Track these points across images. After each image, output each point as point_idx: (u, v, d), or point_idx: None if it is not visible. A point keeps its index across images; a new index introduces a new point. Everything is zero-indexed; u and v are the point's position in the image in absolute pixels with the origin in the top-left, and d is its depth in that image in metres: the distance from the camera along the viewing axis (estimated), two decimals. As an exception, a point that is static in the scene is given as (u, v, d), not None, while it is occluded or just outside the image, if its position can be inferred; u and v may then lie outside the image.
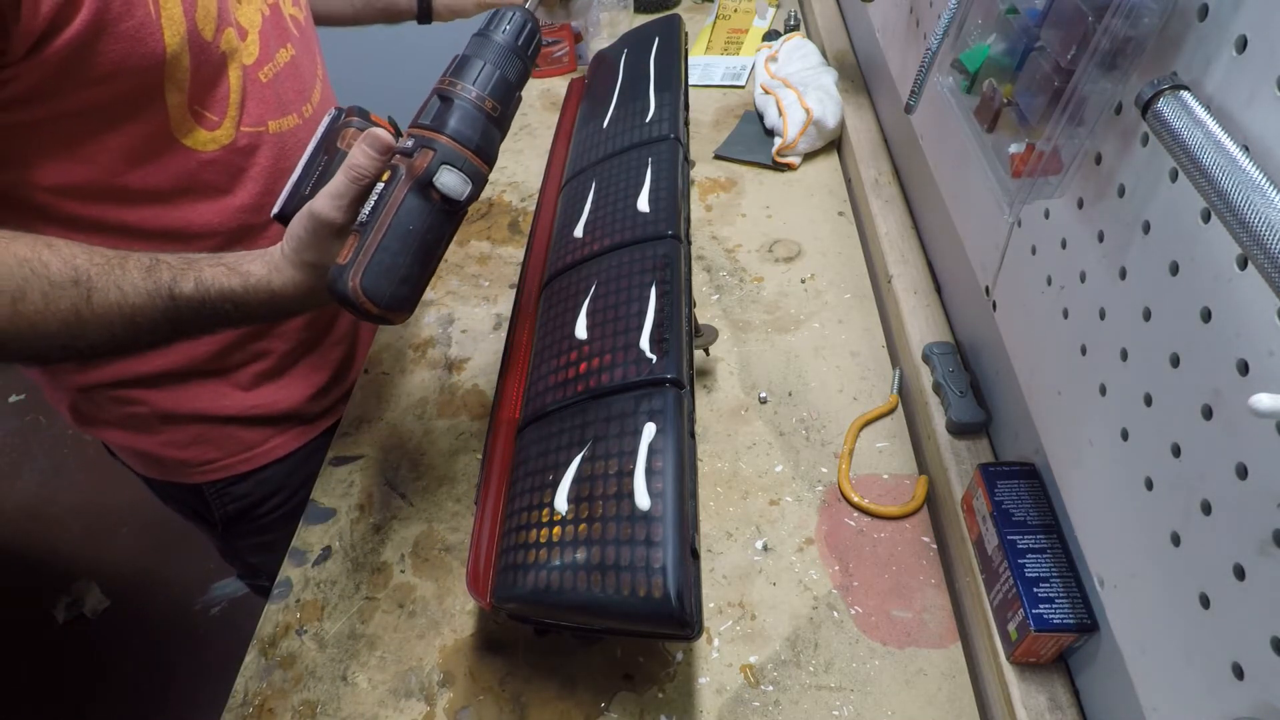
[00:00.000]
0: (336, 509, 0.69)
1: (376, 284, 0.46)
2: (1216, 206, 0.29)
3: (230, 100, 0.61)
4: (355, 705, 0.56)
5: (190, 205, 0.63)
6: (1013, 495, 0.53)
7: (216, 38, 0.58)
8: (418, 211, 0.47)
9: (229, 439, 0.75)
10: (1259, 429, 0.31)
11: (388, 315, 0.47)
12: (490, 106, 0.49)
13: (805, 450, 0.68)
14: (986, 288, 0.60)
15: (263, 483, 0.79)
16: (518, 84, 0.51)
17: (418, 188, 0.47)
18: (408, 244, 0.47)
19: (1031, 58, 0.43)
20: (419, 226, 0.47)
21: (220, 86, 0.60)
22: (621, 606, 0.43)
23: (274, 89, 0.65)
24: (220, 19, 0.58)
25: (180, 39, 0.54)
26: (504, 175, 1.07)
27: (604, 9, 1.26)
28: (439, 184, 0.46)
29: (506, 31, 0.51)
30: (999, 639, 0.51)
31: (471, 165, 0.48)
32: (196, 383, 0.71)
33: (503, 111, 0.50)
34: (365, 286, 0.46)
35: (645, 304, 0.57)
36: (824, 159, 1.01)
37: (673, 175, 0.67)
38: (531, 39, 0.52)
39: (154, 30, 0.52)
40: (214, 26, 0.57)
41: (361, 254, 0.46)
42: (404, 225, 0.46)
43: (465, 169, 0.47)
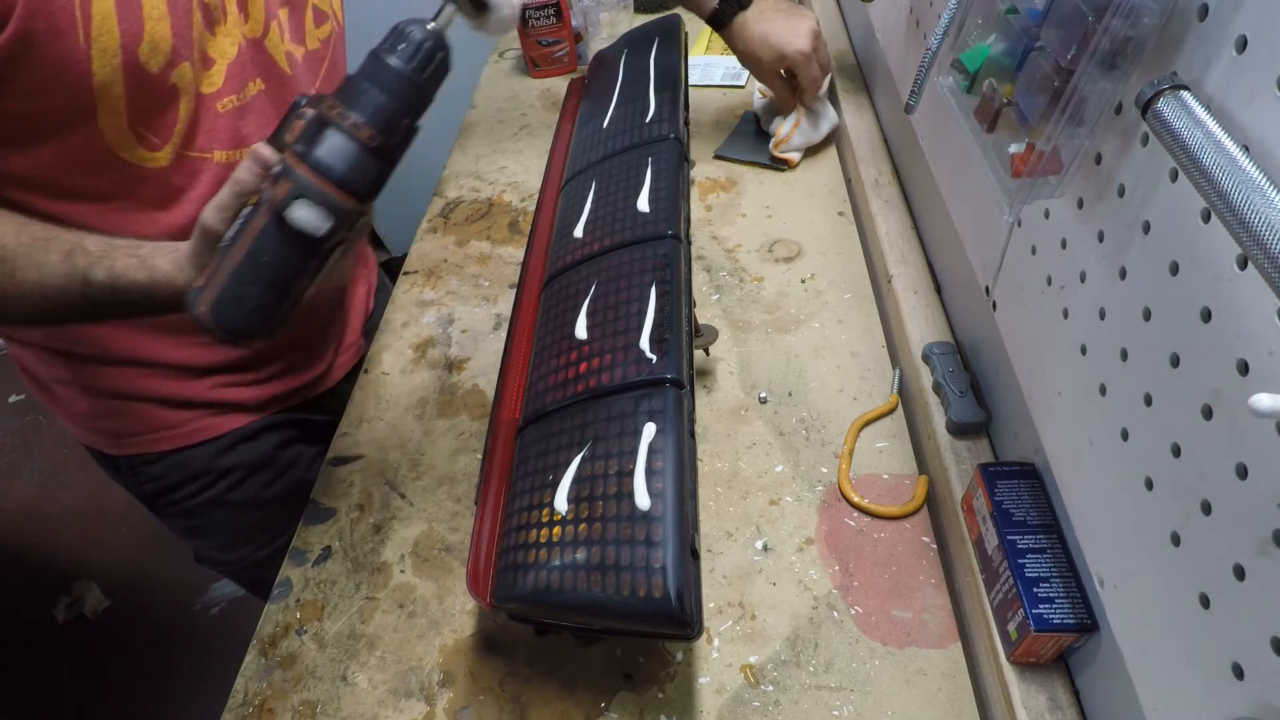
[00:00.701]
0: (336, 509, 0.69)
1: (227, 311, 0.45)
2: (1216, 206, 0.29)
3: (176, 129, 0.61)
4: (355, 705, 0.56)
5: (127, 213, 0.62)
6: (1013, 495, 0.53)
7: (166, 71, 0.57)
8: (273, 242, 0.44)
9: (146, 416, 0.75)
10: (1259, 429, 0.31)
11: (241, 342, 0.46)
12: (368, 136, 0.44)
13: (805, 450, 0.68)
14: (986, 288, 0.60)
15: (179, 465, 0.78)
16: (409, 112, 0.46)
17: (275, 218, 0.44)
18: (260, 274, 0.45)
19: (1031, 58, 0.43)
20: (273, 258, 0.45)
21: (166, 115, 0.60)
22: (621, 606, 0.43)
23: (232, 121, 0.64)
24: (175, 53, 0.57)
25: (112, 69, 0.54)
26: (504, 175, 1.07)
27: (604, 9, 1.26)
28: (290, 218, 0.43)
29: (402, 53, 0.45)
30: (999, 639, 0.51)
31: (332, 200, 0.44)
32: (116, 366, 0.72)
33: (385, 142, 0.45)
34: (215, 312, 0.45)
35: (645, 304, 0.57)
36: (824, 159, 1.01)
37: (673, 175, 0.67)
38: (430, 62, 0.46)
39: (81, 59, 0.52)
40: (164, 60, 0.57)
41: (214, 279, 0.45)
42: (258, 255, 0.44)
43: (324, 203, 0.43)
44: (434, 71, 0.46)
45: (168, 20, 0.56)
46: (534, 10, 1.19)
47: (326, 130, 0.44)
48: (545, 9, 1.18)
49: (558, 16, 1.20)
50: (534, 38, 1.22)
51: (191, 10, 0.58)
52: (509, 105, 1.22)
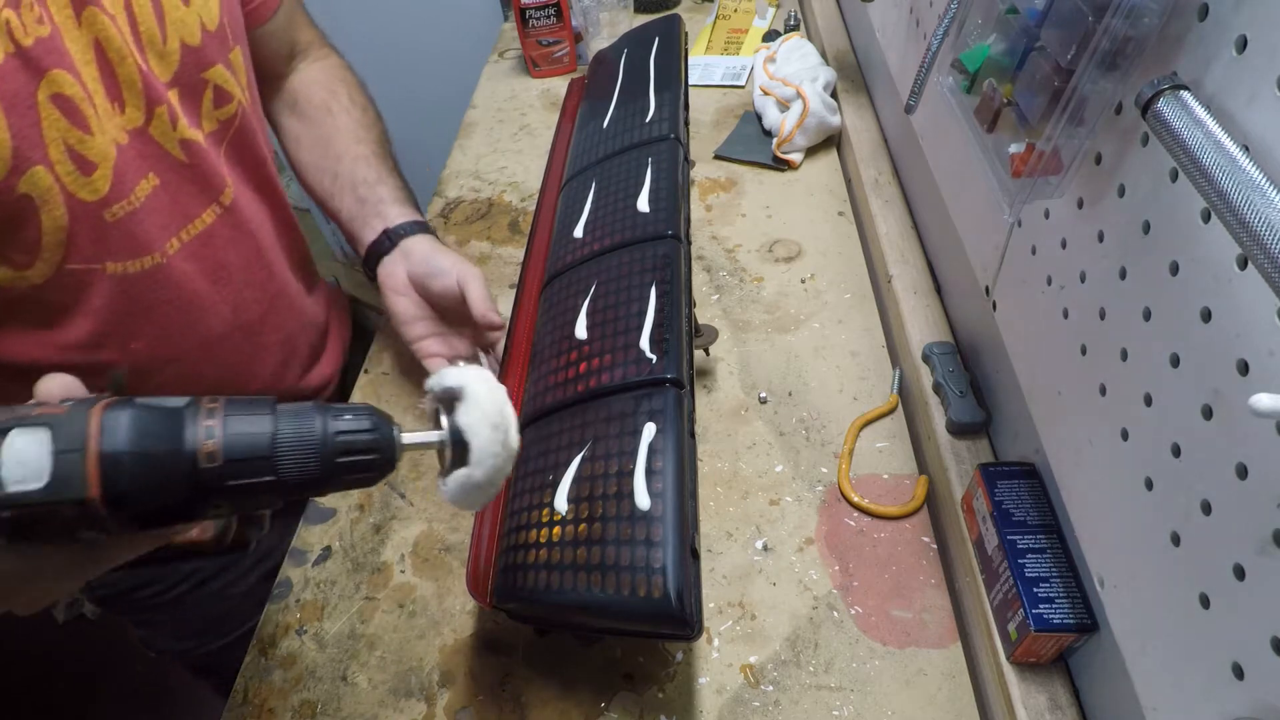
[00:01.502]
0: (336, 509, 0.69)
1: None
2: (1216, 206, 0.29)
3: (44, 243, 0.52)
4: (355, 705, 0.56)
5: (5, 335, 0.56)
6: (1013, 495, 0.53)
7: (11, 179, 0.48)
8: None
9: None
10: (1259, 429, 0.31)
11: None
12: (207, 452, 0.29)
13: (805, 450, 0.68)
14: (986, 288, 0.60)
15: (131, 573, 0.72)
16: (282, 481, 0.30)
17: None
18: None
19: (1031, 58, 0.43)
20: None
21: (24, 230, 0.51)
22: (622, 606, 0.43)
23: (125, 228, 0.56)
24: (19, 157, 0.48)
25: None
26: (504, 175, 1.07)
27: (604, 9, 1.26)
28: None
29: (343, 421, 0.32)
30: (999, 639, 0.51)
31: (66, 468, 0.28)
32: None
33: (219, 474, 0.29)
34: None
35: (645, 304, 0.57)
36: (824, 159, 1.01)
37: (673, 175, 0.67)
38: (353, 457, 0.32)
39: None
40: (4, 168, 0.48)
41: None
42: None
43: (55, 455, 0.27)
44: (347, 466, 0.32)
45: (2, 119, 0.47)
46: (534, 10, 1.19)
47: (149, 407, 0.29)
48: (545, 9, 1.19)
49: (558, 16, 1.20)
50: (534, 38, 1.22)
51: (36, 106, 0.49)
52: (509, 105, 1.22)
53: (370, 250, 0.71)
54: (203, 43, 0.60)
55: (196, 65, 0.60)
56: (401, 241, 0.70)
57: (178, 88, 0.59)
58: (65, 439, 0.26)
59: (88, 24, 0.52)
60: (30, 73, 0.48)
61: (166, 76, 0.58)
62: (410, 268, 0.69)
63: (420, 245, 0.69)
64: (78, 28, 0.51)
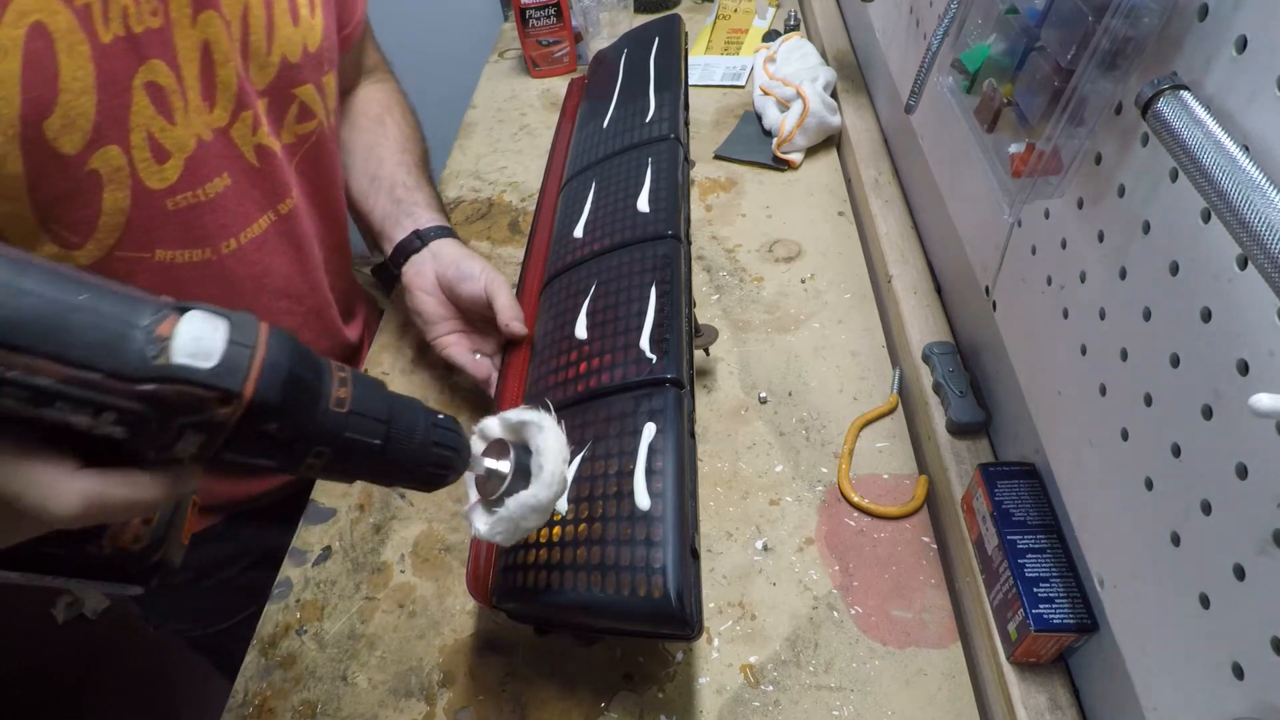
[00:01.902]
0: (336, 509, 0.69)
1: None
2: (1216, 206, 0.29)
3: (100, 224, 0.53)
4: (355, 705, 0.56)
5: None
6: (1013, 495, 0.53)
7: (85, 153, 0.50)
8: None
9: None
10: (1259, 429, 0.31)
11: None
12: (342, 397, 0.32)
13: (805, 450, 0.68)
14: (986, 288, 0.60)
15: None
16: (382, 445, 0.33)
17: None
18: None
19: (1031, 58, 0.43)
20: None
21: (84, 209, 0.52)
22: (622, 606, 0.43)
23: (185, 218, 0.58)
24: (98, 133, 0.50)
25: (6, 141, 0.46)
26: (504, 175, 1.07)
27: (604, 9, 1.26)
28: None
29: (437, 424, 0.36)
30: (999, 639, 0.51)
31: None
32: None
33: (346, 422, 0.32)
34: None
35: (645, 304, 0.57)
36: (824, 159, 1.01)
37: (673, 175, 0.67)
38: (434, 465, 0.36)
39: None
40: (82, 140, 0.49)
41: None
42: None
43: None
44: (432, 460, 0.36)
45: (93, 95, 0.48)
46: (534, 10, 1.19)
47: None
48: (545, 9, 1.19)
49: (558, 16, 1.20)
50: (534, 38, 1.22)
51: (130, 90, 0.51)
52: (509, 105, 1.22)
53: (399, 248, 0.73)
54: (301, 61, 0.64)
55: (291, 81, 0.64)
56: (431, 243, 0.72)
57: (268, 98, 0.62)
58: (239, 334, 0.27)
59: (202, 25, 0.55)
60: (133, 58, 0.51)
61: (261, 85, 0.62)
62: (439, 269, 0.70)
63: (449, 248, 0.71)
64: (191, 26, 0.54)
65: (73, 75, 0.48)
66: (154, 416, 0.26)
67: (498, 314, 0.65)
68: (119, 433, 0.26)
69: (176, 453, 0.28)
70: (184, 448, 0.28)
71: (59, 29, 0.46)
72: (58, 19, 0.46)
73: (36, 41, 0.45)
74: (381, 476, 0.35)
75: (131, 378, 0.25)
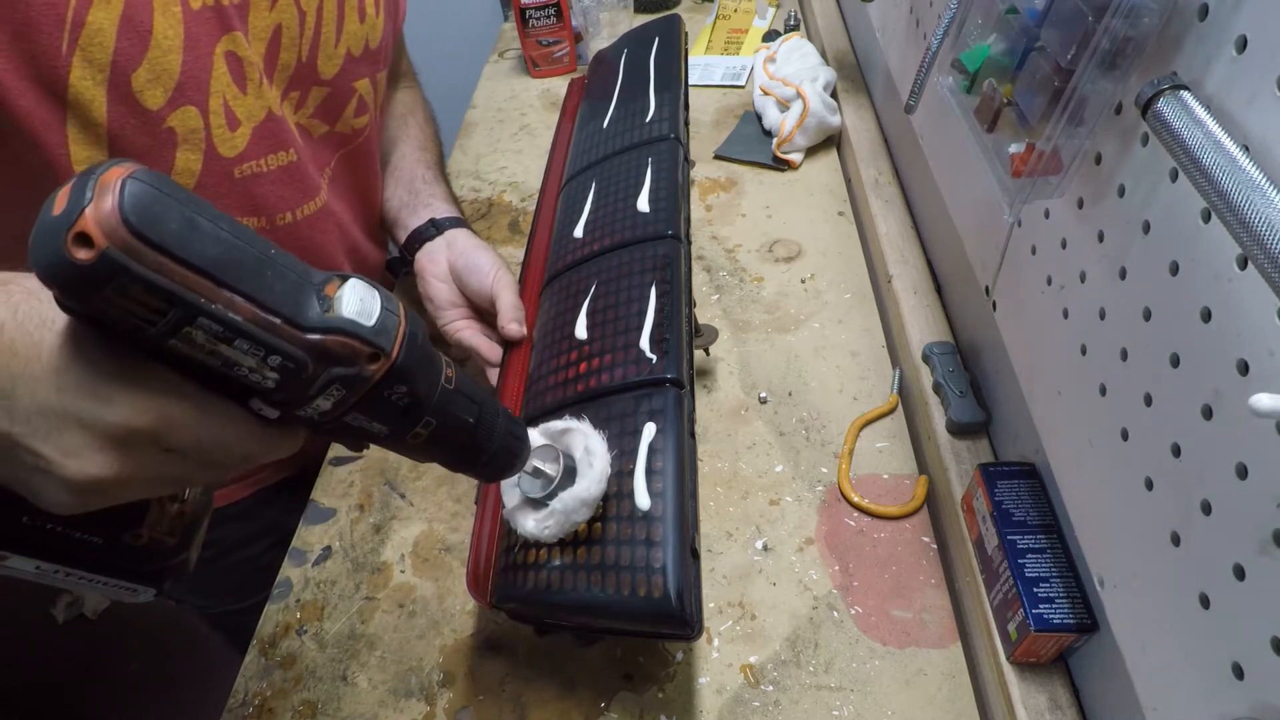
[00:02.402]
0: (336, 509, 0.69)
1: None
2: (1216, 206, 0.29)
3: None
4: (355, 705, 0.56)
5: None
6: (1013, 495, 0.53)
7: (165, 110, 0.52)
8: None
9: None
10: (1259, 429, 0.31)
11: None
12: (450, 375, 0.35)
13: (805, 450, 0.68)
14: (986, 288, 0.60)
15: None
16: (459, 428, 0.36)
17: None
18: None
19: (1031, 58, 0.43)
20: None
21: (160, 166, 0.53)
22: (622, 606, 0.43)
23: (246, 188, 0.60)
24: (179, 92, 0.52)
25: (93, 86, 0.48)
26: (504, 175, 1.07)
27: (604, 9, 1.26)
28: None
29: (505, 421, 0.39)
30: (999, 639, 0.51)
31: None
32: None
33: (449, 396, 0.34)
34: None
35: (645, 304, 0.57)
36: (824, 159, 1.01)
37: (673, 175, 0.67)
38: (497, 453, 0.38)
39: (57, 64, 0.47)
40: (164, 96, 0.51)
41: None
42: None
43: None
44: (501, 449, 0.38)
45: (179, 55, 0.51)
46: (534, 10, 1.19)
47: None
48: (545, 9, 1.19)
49: (558, 16, 1.20)
50: (534, 38, 1.22)
51: (211, 55, 0.54)
52: (509, 105, 1.22)
53: (414, 234, 0.75)
54: (363, 55, 0.67)
55: (353, 74, 0.67)
56: (446, 231, 0.73)
57: (330, 88, 0.66)
58: (389, 303, 0.31)
59: (279, 10, 0.58)
60: (217, 26, 0.54)
61: (329, 75, 0.65)
62: (452, 257, 0.72)
63: (463, 238, 0.72)
64: (269, 10, 0.58)
65: (164, 33, 0.50)
66: (310, 365, 0.29)
67: (499, 313, 0.65)
68: (272, 380, 0.29)
69: (311, 409, 0.30)
70: (320, 403, 0.30)
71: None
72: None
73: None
74: (462, 458, 0.37)
75: (304, 326, 0.28)
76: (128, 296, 0.25)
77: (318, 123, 0.67)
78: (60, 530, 0.34)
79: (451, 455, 0.37)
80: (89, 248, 0.24)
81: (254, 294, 0.27)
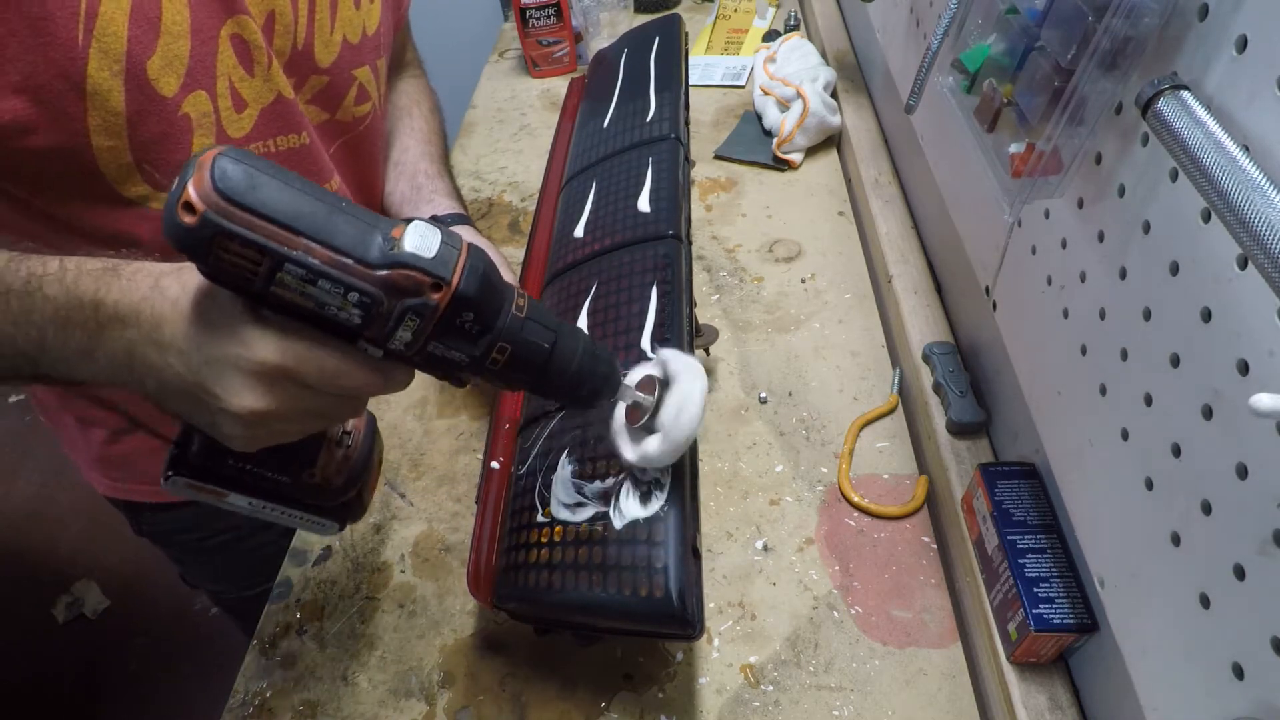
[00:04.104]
0: (337, 509, 0.69)
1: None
2: (1216, 206, 0.29)
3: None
4: (355, 705, 0.56)
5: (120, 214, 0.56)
6: (1013, 495, 0.53)
7: (180, 96, 0.52)
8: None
9: (152, 474, 0.70)
10: (1259, 429, 0.31)
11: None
12: (520, 305, 0.38)
13: (805, 450, 0.68)
14: (986, 288, 0.60)
15: (181, 517, 0.77)
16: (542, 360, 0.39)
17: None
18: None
19: (1031, 58, 0.43)
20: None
21: (175, 152, 0.54)
22: (623, 606, 0.43)
23: None
24: (190, 77, 0.52)
25: (111, 76, 0.48)
26: (504, 175, 1.07)
27: (604, 9, 1.26)
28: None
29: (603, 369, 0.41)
30: (999, 639, 0.51)
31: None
32: (126, 432, 0.70)
33: (517, 322, 0.37)
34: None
35: (646, 304, 0.57)
36: (824, 159, 1.01)
37: (673, 175, 0.67)
38: (587, 380, 0.41)
39: (75, 56, 0.47)
40: (178, 83, 0.52)
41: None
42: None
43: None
44: (589, 373, 0.41)
45: (188, 40, 0.52)
46: (534, 10, 1.19)
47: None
48: (545, 9, 1.19)
49: (558, 16, 1.20)
50: (534, 38, 1.22)
51: (217, 39, 0.54)
52: (509, 105, 1.22)
53: None
54: (360, 43, 0.67)
55: (351, 62, 0.67)
56: (449, 228, 0.73)
57: (329, 76, 0.65)
58: (449, 240, 0.34)
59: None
60: (221, 9, 0.54)
61: (326, 63, 0.64)
62: None
63: (465, 234, 0.72)
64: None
65: (172, 19, 0.51)
66: (384, 299, 0.33)
67: None
68: (357, 316, 0.33)
69: (396, 340, 0.35)
70: (402, 335, 0.34)
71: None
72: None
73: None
74: (545, 385, 0.40)
75: (372, 264, 0.33)
76: (230, 251, 0.31)
77: (317, 110, 0.66)
78: (256, 470, 0.41)
79: (531, 381, 0.39)
80: (193, 214, 0.30)
81: (326, 239, 0.32)
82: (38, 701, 1.56)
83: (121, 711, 1.53)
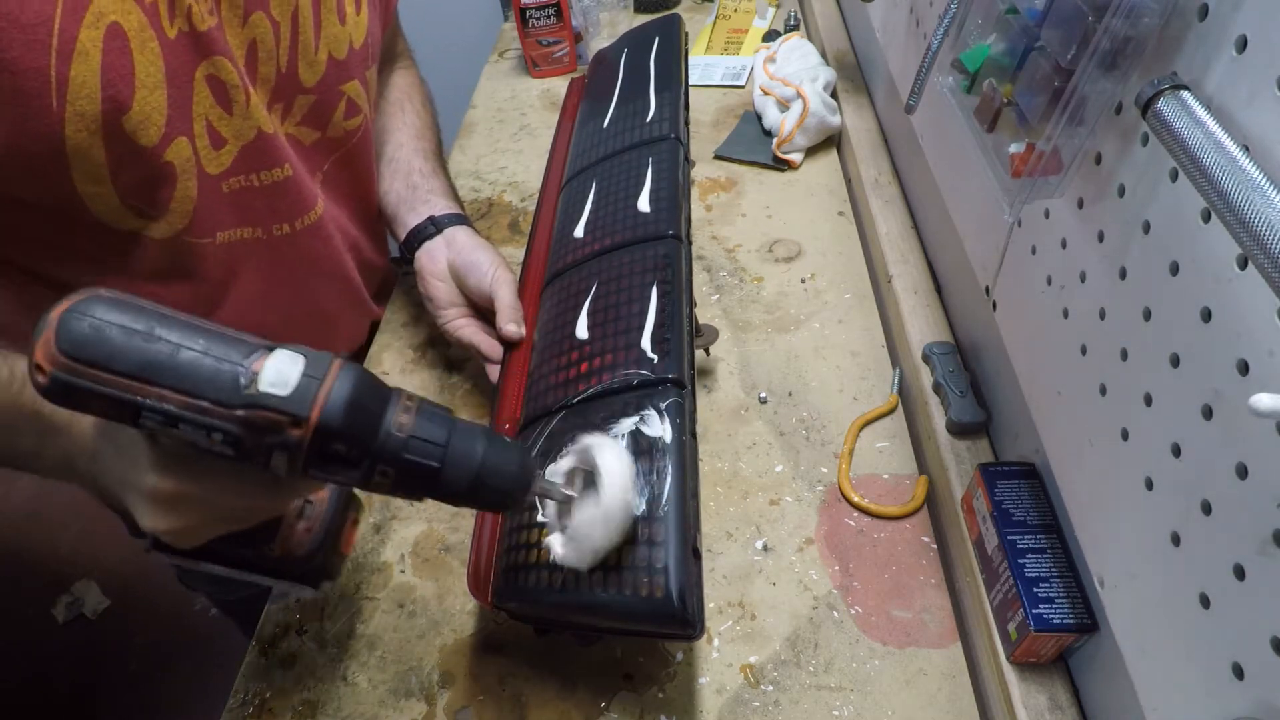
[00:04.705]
0: (337, 509, 0.69)
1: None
2: (1216, 206, 0.29)
3: (173, 209, 0.56)
4: (355, 705, 0.56)
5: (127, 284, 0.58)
6: (1013, 495, 0.53)
7: (161, 145, 0.52)
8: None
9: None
10: (1259, 429, 0.31)
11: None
12: (413, 412, 0.36)
13: (805, 450, 0.68)
14: (986, 288, 0.60)
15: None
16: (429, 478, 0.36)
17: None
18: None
19: (1031, 57, 0.43)
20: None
21: (162, 193, 0.55)
22: (623, 606, 0.43)
23: (235, 201, 0.60)
24: (170, 126, 0.52)
25: (89, 135, 0.48)
26: (504, 175, 1.07)
27: (604, 9, 1.26)
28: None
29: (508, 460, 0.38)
30: (999, 639, 0.51)
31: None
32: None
33: (412, 444, 0.35)
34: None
35: (646, 304, 0.57)
36: (824, 158, 1.01)
37: (673, 175, 0.67)
38: (495, 494, 0.38)
39: (52, 123, 0.46)
40: (158, 133, 0.51)
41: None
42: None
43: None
44: (489, 489, 0.38)
45: (164, 90, 0.51)
46: (534, 10, 1.19)
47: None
48: (545, 9, 1.19)
49: (558, 16, 1.20)
50: (534, 38, 1.22)
51: (192, 83, 0.53)
52: (509, 105, 1.22)
53: (413, 233, 0.74)
54: (347, 58, 0.66)
55: (338, 78, 0.66)
56: (446, 229, 0.73)
57: (315, 95, 0.64)
58: (312, 368, 0.33)
59: (251, 26, 0.57)
60: (194, 52, 0.53)
61: (310, 83, 0.63)
62: (451, 256, 0.71)
63: (463, 236, 0.72)
64: (241, 27, 0.56)
65: (146, 71, 0.50)
66: (247, 437, 0.32)
67: (497, 313, 0.65)
68: (229, 450, 0.33)
69: (275, 469, 0.34)
70: (277, 465, 0.33)
71: (132, 28, 0.48)
72: (130, 18, 0.48)
73: (113, 41, 0.47)
74: (444, 497, 0.37)
75: (229, 404, 0.32)
76: (87, 403, 0.31)
77: (308, 130, 0.66)
78: (221, 548, 0.42)
79: (428, 495, 0.37)
80: (43, 374, 0.30)
81: (178, 385, 0.31)
82: (38, 701, 1.56)
83: (121, 711, 1.53)
